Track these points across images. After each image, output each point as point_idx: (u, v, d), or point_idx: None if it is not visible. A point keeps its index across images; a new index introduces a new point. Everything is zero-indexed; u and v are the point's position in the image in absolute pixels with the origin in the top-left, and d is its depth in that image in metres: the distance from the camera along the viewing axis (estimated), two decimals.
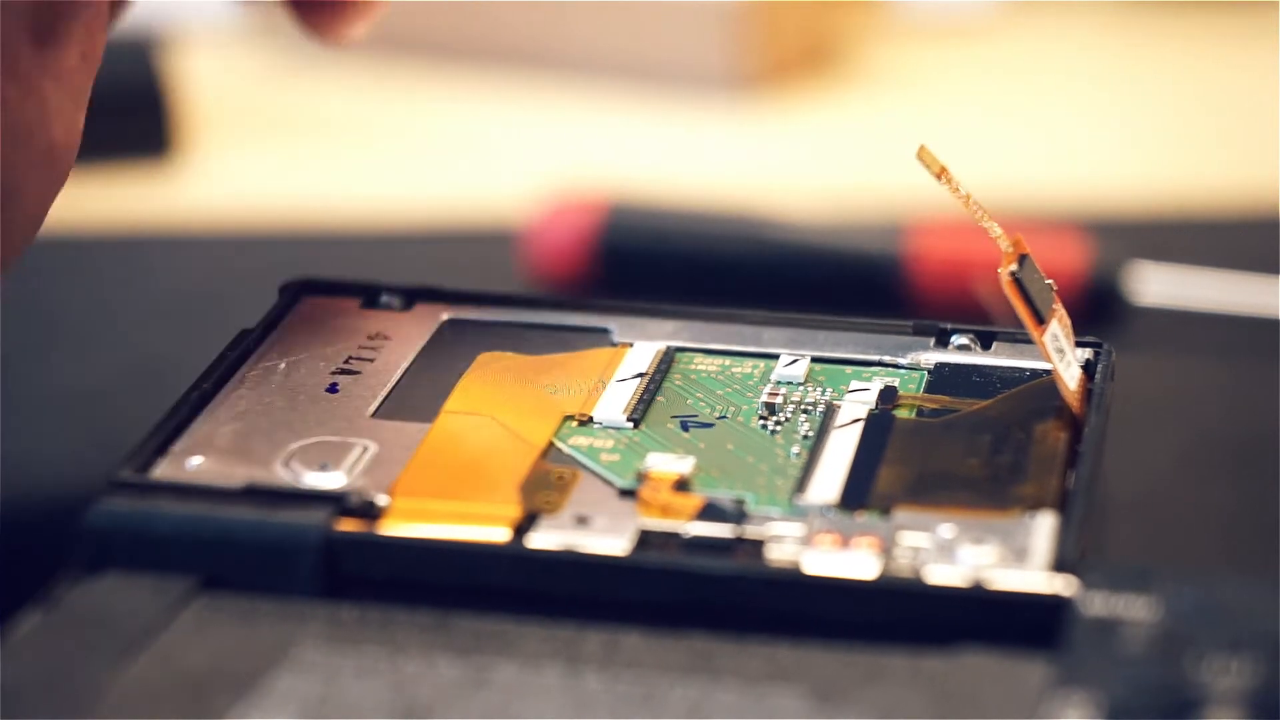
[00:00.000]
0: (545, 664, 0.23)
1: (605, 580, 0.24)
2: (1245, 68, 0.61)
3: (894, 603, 0.24)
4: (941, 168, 0.27)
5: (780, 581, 0.24)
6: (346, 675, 0.23)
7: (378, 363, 0.29)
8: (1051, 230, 0.44)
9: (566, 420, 0.27)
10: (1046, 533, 0.25)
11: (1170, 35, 0.63)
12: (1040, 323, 0.27)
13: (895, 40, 0.62)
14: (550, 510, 0.25)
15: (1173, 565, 0.33)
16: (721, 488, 0.26)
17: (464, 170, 0.53)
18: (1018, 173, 0.52)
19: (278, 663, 0.23)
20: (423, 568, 0.25)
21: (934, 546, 0.24)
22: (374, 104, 0.57)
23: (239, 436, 0.27)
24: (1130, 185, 0.52)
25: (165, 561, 0.25)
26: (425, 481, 0.26)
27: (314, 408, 0.27)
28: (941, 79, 0.60)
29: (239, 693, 0.23)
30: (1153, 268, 0.44)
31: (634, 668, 0.23)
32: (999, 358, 0.29)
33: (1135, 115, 0.58)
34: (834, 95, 0.58)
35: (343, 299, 0.30)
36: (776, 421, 0.27)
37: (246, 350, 0.29)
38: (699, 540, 0.25)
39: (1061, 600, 0.23)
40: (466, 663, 0.23)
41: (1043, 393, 0.27)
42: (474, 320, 0.30)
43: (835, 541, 0.25)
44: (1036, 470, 0.26)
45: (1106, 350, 0.28)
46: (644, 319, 0.30)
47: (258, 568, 0.25)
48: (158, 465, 0.26)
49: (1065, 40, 0.64)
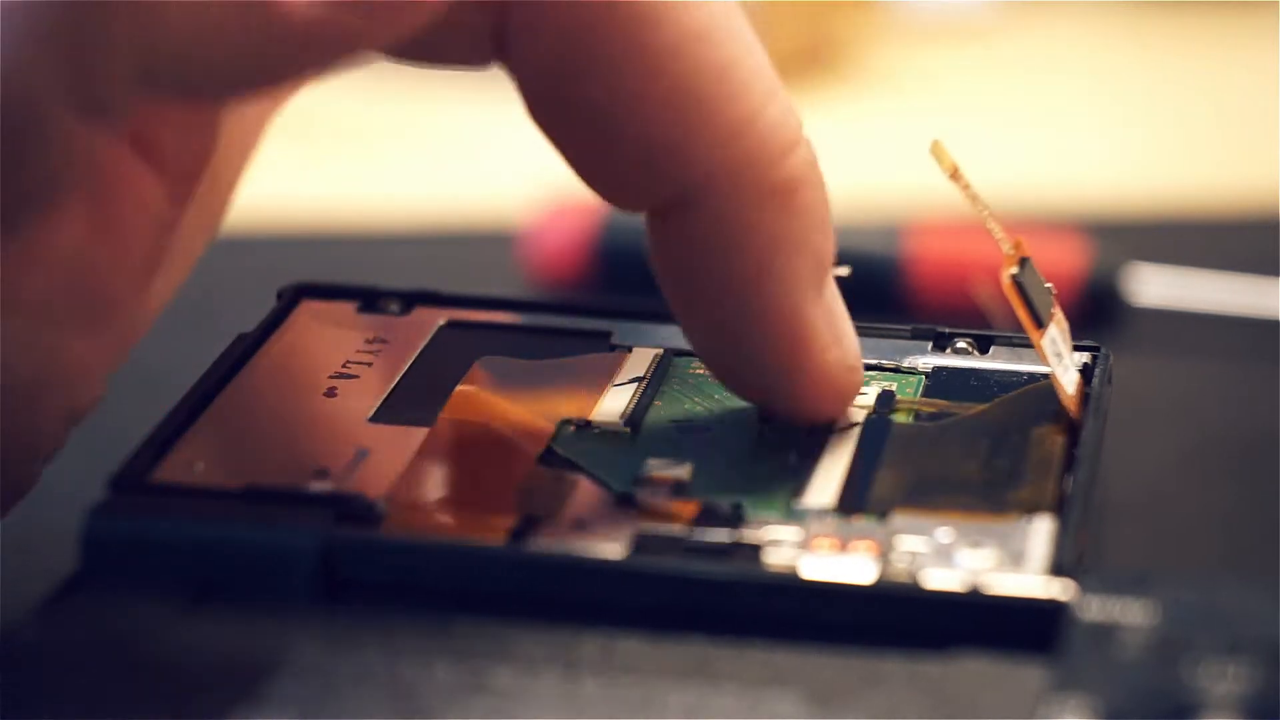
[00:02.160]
0: (542, 668, 0.23)
1: (602, 584, 0.24)
2: (1245, 68, 0.61)
3: (891, 607, 0.24)
4: (954, 165, 0.27)
5: (777, 585, 0.24)
6: (344, 679, 0.23)
7: (376, 367, 0.29)
8: (1050, 231, 0.44)
9: (564, 424, 0.27)
10: (1044, 537, 0.25)
11: (1170, 35, 0.63)
12: (1039, 326, 0.27)
13: (895, 40, 0.62)
14: (548, 515, 0.25)
15: (1171, 569, 0.33)
16: (719, 492, 0.26)
17: (462, 172, 0.53)
18: (1017, 173, 0.52)
19: (275, 666, 0.23)
20: (421, 572, 0.25)
21: (931, 550, 0.24)
22: (373, 105, 0.57)
23: (237, 441, 0.27)
24: (1130, 186, 0.52)
25: (163, 566, 0.25)
26: (423, 486, 0.26)
27: (312, 412, 0.27)
28: (941, 79, 0.60)
29: (236, 696, 0.23)
30: (1152, 269, 0.44)
31: (631, 672, 0.23)
32: (997, 361, 0.29)
33: (1135, 115, 0.58)
34: (833, 95, 0.58)
35: (341, 303, 0.30)
36: (774, 426, 0.27)
37: (244, 354, 0.28)
38: (696, 544, 0.25)
39: (1059, 604, 0.23)
40: (464, 667, 0.23)
41: (1041, 397, 0.27)
42: (472, 324, 0.30)
43: (832, 545, 0.25)
44: (1034, 474, 0.26)
45: (1104, 354, 0.28)
46: (643, 323, 0.30)
47: (255, 572, 0.25)
48: (156, 470, 0.26)
49: (1065, 40, 0.64)
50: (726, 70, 0.25)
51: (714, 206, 0.26)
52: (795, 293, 0.26)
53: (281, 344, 0.29)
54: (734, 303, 0.26)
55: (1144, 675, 0.22)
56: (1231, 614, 0.23)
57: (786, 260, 0.26)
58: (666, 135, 0.25)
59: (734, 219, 0.26)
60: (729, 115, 0.25)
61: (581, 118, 0.26)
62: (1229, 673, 0.22)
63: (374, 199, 0.51)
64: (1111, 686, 0.22)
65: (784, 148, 0.26)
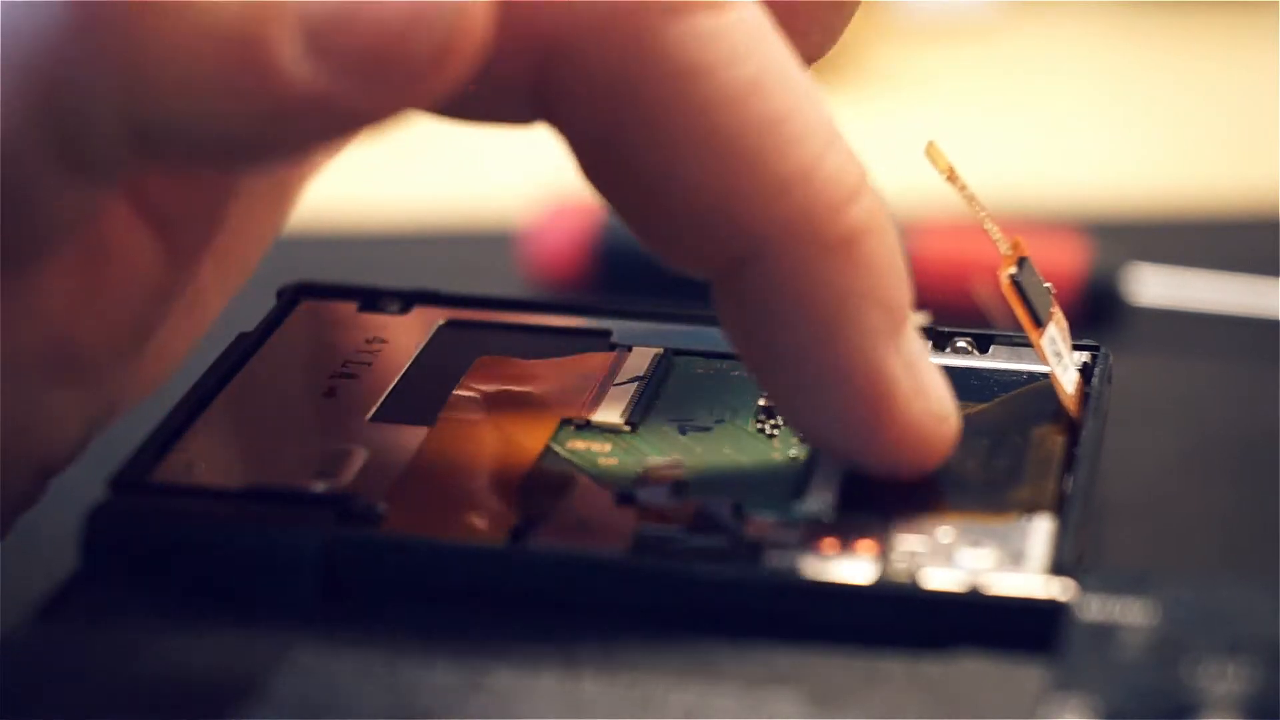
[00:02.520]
0: (542, 668, 0.23)
1: (602, 584, 0.24)
2: (1245, 68, 0.61)
3: (891, 607, 0.24)
4: (949, 166, 0.27)
5: (777, 585, 0.24)
6: (344, 678, 0.23)
7: (376, 366, 0.29)
8: (1050, 231, 0.44)
9: (564, 424, 0.27)
10: (1044, 536, 0.25)
11: (1170, 35, 0.63)
12: (1038, 326, 0.27)
13: (895, 40, 0.62)
14: (548, 514, 0.25)
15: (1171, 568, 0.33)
16: (719, 492, 0.26)
17: (462, 172, 0.53)
18: (1017, 173, 0.52)
19: (276, 666, 0.23)
20: (421, 572, 0.25)
21: (931, 550, 0.24)
22: None
23: (237, 441, 0.27)
24: (1130, 185, 0.52)
25: (163, 566, 0.25)
26: (423, 485, 0.26)
27: (312, 412, 0.27)
28: (941, 79, 0.60)
29: (236, 696, 0.23)
30: (1152, 269, 0.44)
31: (631, 672, 0.23)
32: (997, 361, 0.29)
33: (1135, 115, 0.58)
34: (833, 95, 0.58)
35: (341, 302, 0.30)
36: (774, 425, 0.27)
37: (245, 354, 0.28)
38: (696, 544, 0.25)
39: (1059, 604, 0.23)
40: (464, 666, 0.23)
41: (1040, 396, 0.27)
42: (472, 323, 0.30)
43: (832, 545, 0.25)
44: (1034, 474, 0.26)
45: (1104, 354, 0.28)
46: (643, 322, 0.30)
47: (256, 572, 0.25)
48: (156, 470, 0.26)
49: (1065, 40, 0.64)
50: (780, 123, 0.24)
51: (776, 263, 0.25)
52: (869, 347, 0.25)
53: (281, 344, 0.29)
54: (807, 361, 0.25)
55: (1144, 675, 0.22)
56: (1231, 614, 0.23)
57: (856, 313, 0.25)
58: (720, 192, 0.24)
59: (798, 274, 0.25)
60: (784, 168, 0.24)
61: (632, 179, 0.25)
62: (1229, 673, 0.22)
63: (374, 199, 0.51)
64: (1111, 686, 0.22)
65: (845, 198, 0.25)
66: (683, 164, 0.24)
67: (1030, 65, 0.62)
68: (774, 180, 0.24)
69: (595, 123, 0.24)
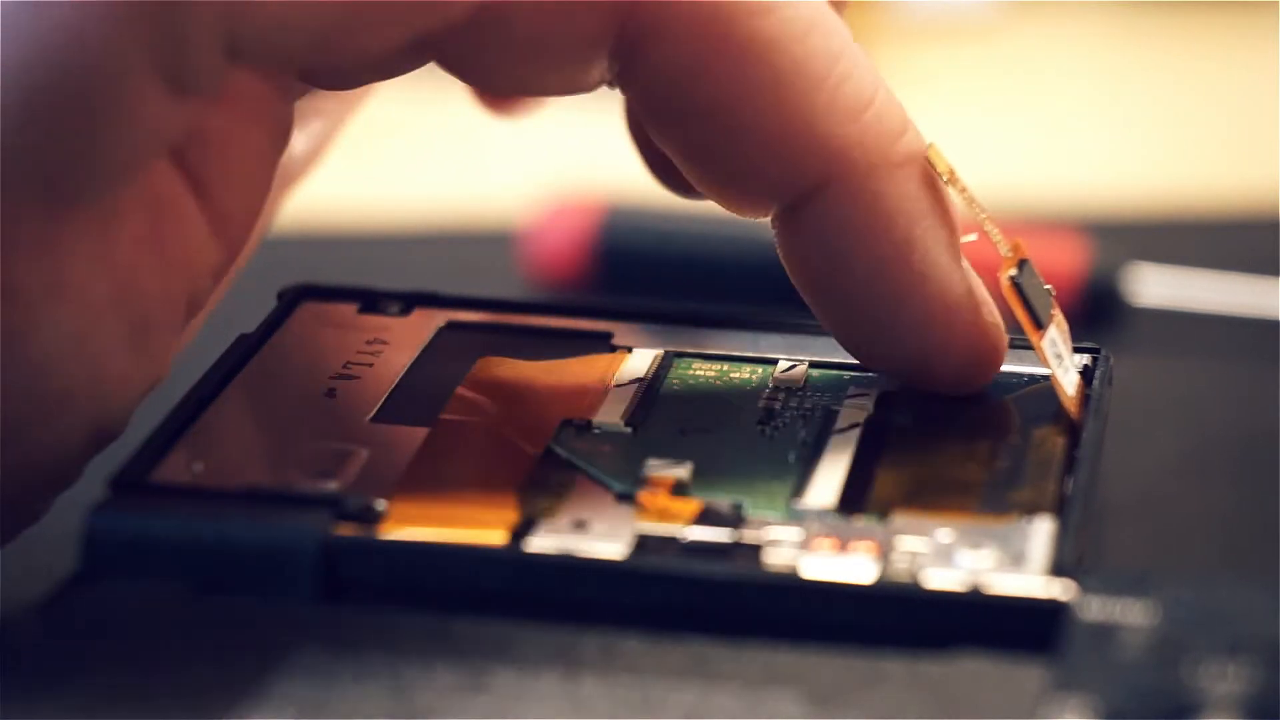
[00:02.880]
0: (543, 668, 0.23)
1: (603, 584, 0.24)
2: (1245, 68, 0.61)
3: (892, 607, 0.24)
4: (949, 168, 0.27)
5: (778, 586, 0.24)
6: (345, 679, 0.23)
7: (377, 367, 0.29)
8: (1050, 231, 0.44)
9: (565, 424, 0.27)
10: (1044, 537, 0.25)
11: (1170, 35, 0.63)
12: (1039, 328, 0.27)
13: (895, 40, 0.62)
14: (548, 515, 0.25)
15: (1171, 569, 0.33)
16: (719, 492, 0.26)
17: (462, 172, 0.53)
18: (1017, 173, 0.52)
19: (276, 666, 0.23)
20: (421, 572, 0.25)
21: (931, 551, 0.24)
22: (373, 105, 0.57)
23: (237, 441, 0.27)
24: (1130, 185, 0.52)
25: (164, 565, 0.25)
26: (424, 486, 0.26)
27: (313, 412, 0.27)
28: (941, 79, 0.60)
29: (236, 696, 0.23)
30: (1152, 269, 0.44)
31: (632, 672, 0.23)
32: None
33: (1135, 115, 0.58)
34: None
35: (341, 304, 0.30)
36: (774, 426, 0.27)
37: (245, 355, 0.28)
38: (697, 545, 0.25)
39: (1059, 605, 0.23)
40: (464, 667, 0.23)
41: (1041, 398, 0.27)
42: (473, 324, 0.30)
43: (833, 546, 0.25)
44: (1034, 475, 0.26)
45: (1104, 356, 0.28)
46: (643, 323, 0.30)
47: (256, 571, 0.25)
48: (156, 470, 0.26)
49: (1065, 40, 0.64)
50: (839, 57, 0.26)
51: (849, 184, 0.26)
52: (944, 258, 0.26)
53: (282, 345, 0.29)
54: (884, 278, 0.26)
55: (1144, 675, 0.22)
56: (1231, 614, 0.23)
57: (928, 226, 0.26)
58: (796, 118, 0.26)
59: (872, 193, 0.26)
60: (851, 94, 0.26)
61: (712, 117, 0.26)
62: (1229, 673, 0.22)
63: (374, 199, 0.51)
64: (1111, 686, 0.22)
65: (900, 126, 0.27)
66: (762, 94, 0.26)
67: (1030, 65, 0.62)
68: (843, 106, 0.26)
69: (677, 67, 0.26)
